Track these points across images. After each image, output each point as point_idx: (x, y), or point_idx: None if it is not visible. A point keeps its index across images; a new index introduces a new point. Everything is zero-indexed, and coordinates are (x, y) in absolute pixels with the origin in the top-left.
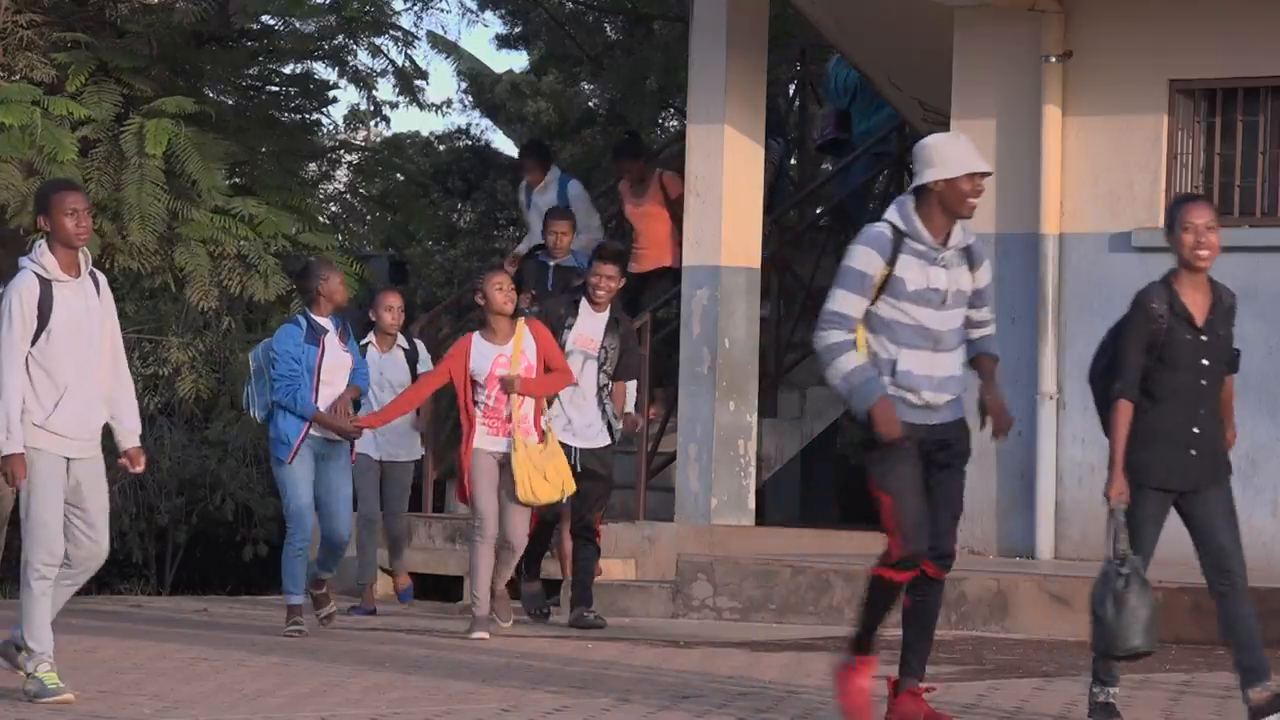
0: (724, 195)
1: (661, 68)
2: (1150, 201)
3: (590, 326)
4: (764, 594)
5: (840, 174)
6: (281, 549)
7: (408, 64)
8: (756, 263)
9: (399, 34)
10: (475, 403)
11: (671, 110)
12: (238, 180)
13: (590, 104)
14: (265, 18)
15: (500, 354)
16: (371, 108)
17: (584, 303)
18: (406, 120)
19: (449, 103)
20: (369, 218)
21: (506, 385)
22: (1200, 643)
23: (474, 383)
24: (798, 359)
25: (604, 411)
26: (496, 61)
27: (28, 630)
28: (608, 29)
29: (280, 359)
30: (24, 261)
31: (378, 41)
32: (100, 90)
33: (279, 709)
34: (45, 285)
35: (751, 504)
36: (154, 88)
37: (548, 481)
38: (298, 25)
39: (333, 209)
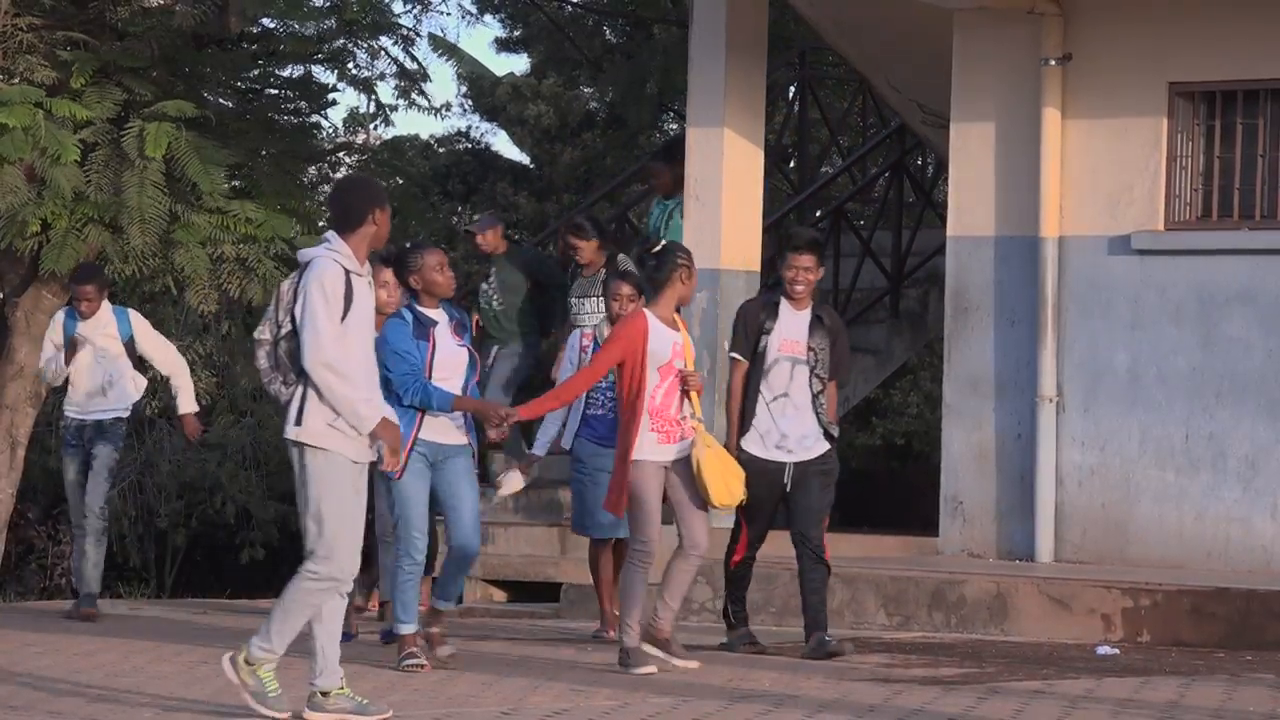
0: (723, 198)
1: (661, 71)
2: (1150, 204)
3: (794, 327)
4: (763, 597)
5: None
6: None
7: (410, 62)
8: (756, 265)
9: (400, 32)
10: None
11: (671, 113)
12: (237, 183)
13: (590, 107)
14: (265, 20)
15: (675, 340)
16: (374, 109)
17: (783, 302)
18: (406, 123)
19: (448, 106)
20: None
21: (690, 383)
22: (1199, 645)
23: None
24: None
25: (819, 418)
26: (496, 64)
27: (279, 623)
28: (607, 32)
29: (396, 359)
30: (321, 250)
31: (378, 43)
32: (101, 91)
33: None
34: (347, 277)
35: None
36: (154, 91)
37: (739, 481)
38: (297, 28)
39: None
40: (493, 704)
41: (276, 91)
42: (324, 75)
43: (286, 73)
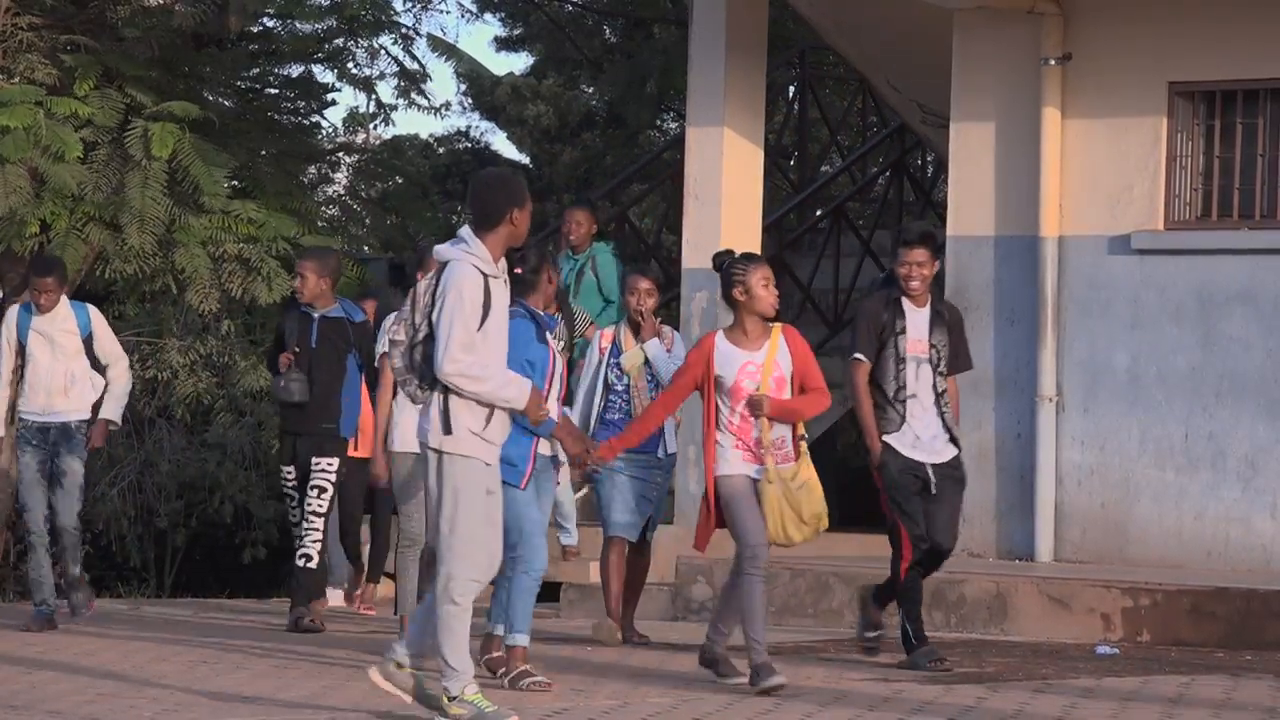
0: (722, 197)
1: (661, 71)
2: (1150, 204)
3: (915, 326)
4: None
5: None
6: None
7: (410, 62)
8: None
9: (401, 31)
10: (719, 418)
11: (670, 113)
12: (237, 183)
13: (590, 107)
14: (265, 20)
15: (749, 361)
16: (374, 109)
17: (904, 299)
18: (406, 122)
19: (448, 105)
20: (368, 220)
21: (755, 406)
22: (1199, 645)
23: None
24: None
25: (943, 418)
26: (496, 63)
27: (449, 649)
28: (607, 32)
29: (526, 368)
30: (457, 252)
31: (378, 41)
32: (104, 96)
33: (278, 712)
34: (485, 280)
35: None
36: (155, 95)
37: (804, 523)
38: (297, 27)
39: (332, 211)
40: (493, 703)
41: (276, 91)
42: (324, 75)
43: (286, 72)
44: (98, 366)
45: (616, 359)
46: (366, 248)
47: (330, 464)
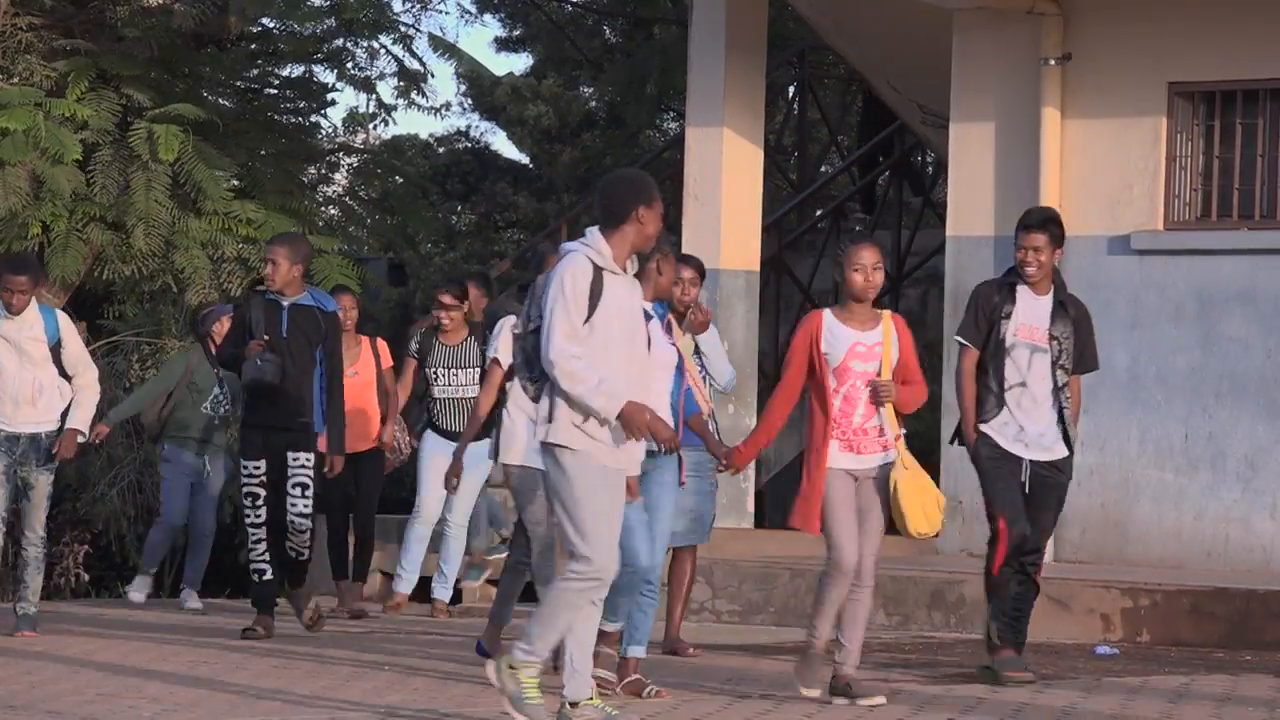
0: (722, 198)
1: (661, 71)
2: (1149, 204)
3: (1033, 313)
4: (763, 597)
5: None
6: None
7: (411, 61)
8: (755, 265)
9: (400, 30)
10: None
11: (670, 113)
12: (238, 183)
13: (589, 107)
14: (264, 20)
15: (858, 341)
16: (374, 109)
17: (1021, 286)
18: (406, 122)
19: (448, 105)
20: (368, 220)
21: (880, 394)
22: (1198, 645)
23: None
24: None
25: (1060, 415)
26: (496, 64)
27: (540, 626)
28: (607, 32)
29: None
30: (575, 245)
31: (377, 42)
32: (100, 98)
33: (278, 712)
34: (598, 273)
35: (750, 507)
36: (153, 96)
37: (939, 509)
38: (296, 28)
39: (332, 212)
40: (493, 705)
41: (276, 91)
42: (324, 75)
43: (286, 72)
44: (64, 375)
45: None
46: (366, 247)
47: (309, 459)
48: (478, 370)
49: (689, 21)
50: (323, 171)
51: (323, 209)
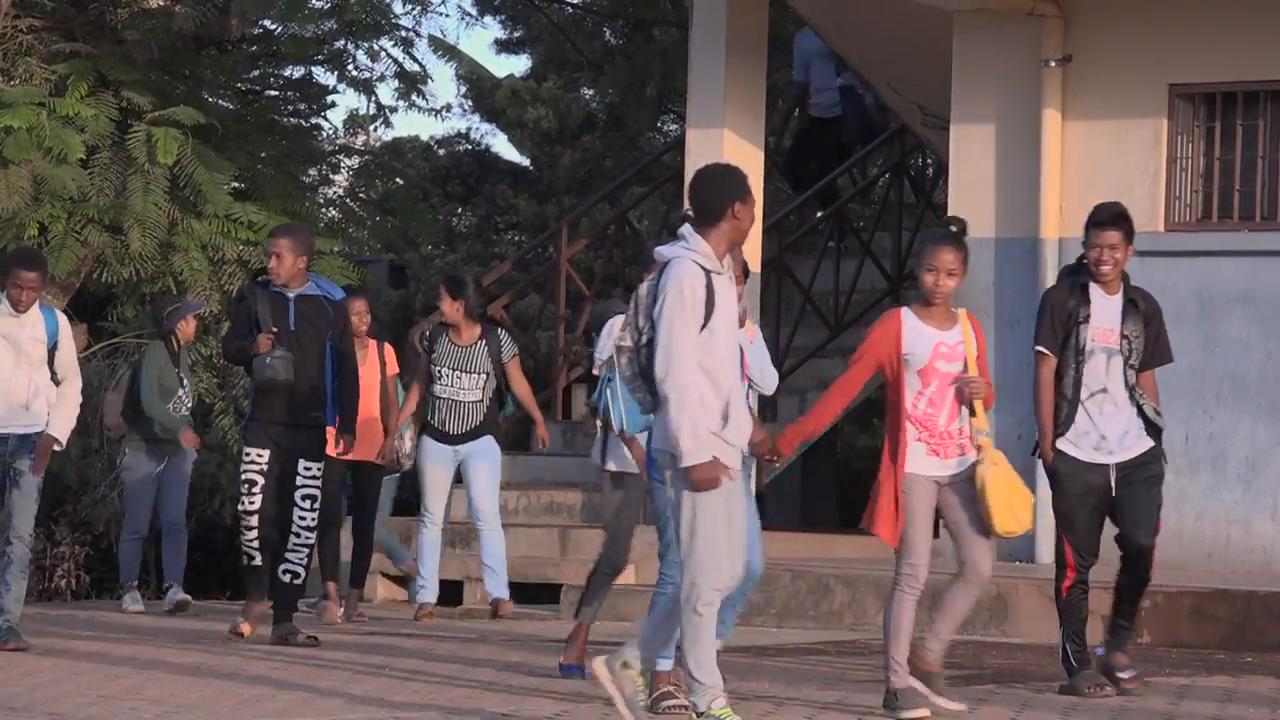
0: None
1: (661, 73)
2: (1150, 206)
3: (1107, 315)
4: (764, 598)
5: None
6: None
7: (410, 64)
8: (756, 267)
9: (400, 33)
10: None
11: (671, 115)
12: (238, 185)
13: (590, 109)
14: (265, 22)
15: (941, 341)
16: (374, 110)
17: (1093, 286)
18: (406, 124)
19: (449, 107)
20: (369, 222)
21: (971, 390)
22: (1199, 646)
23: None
24: (797, 363)
25: (1140, 411)
26: (496, 65)
27: (694, 661)
28: (607, 34)
29: None
30: (677, 250)
31: (378, 44)
32: (99, 102)
33: (277, 713)
34: (707, 277)
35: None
36: (153, 99)
37: (1027, 507)
38: (297, 29)
39: (332, 213)
40: (492, 706)
41: (276, 93)
42: (324, 76)
43: (286, 74)
44: (53, 379)
45: None
46: (366, 249)
47: (319, 469)
48: (484, 376)
49: (689, 23)
50: (323, 173)
51: (323, 210)
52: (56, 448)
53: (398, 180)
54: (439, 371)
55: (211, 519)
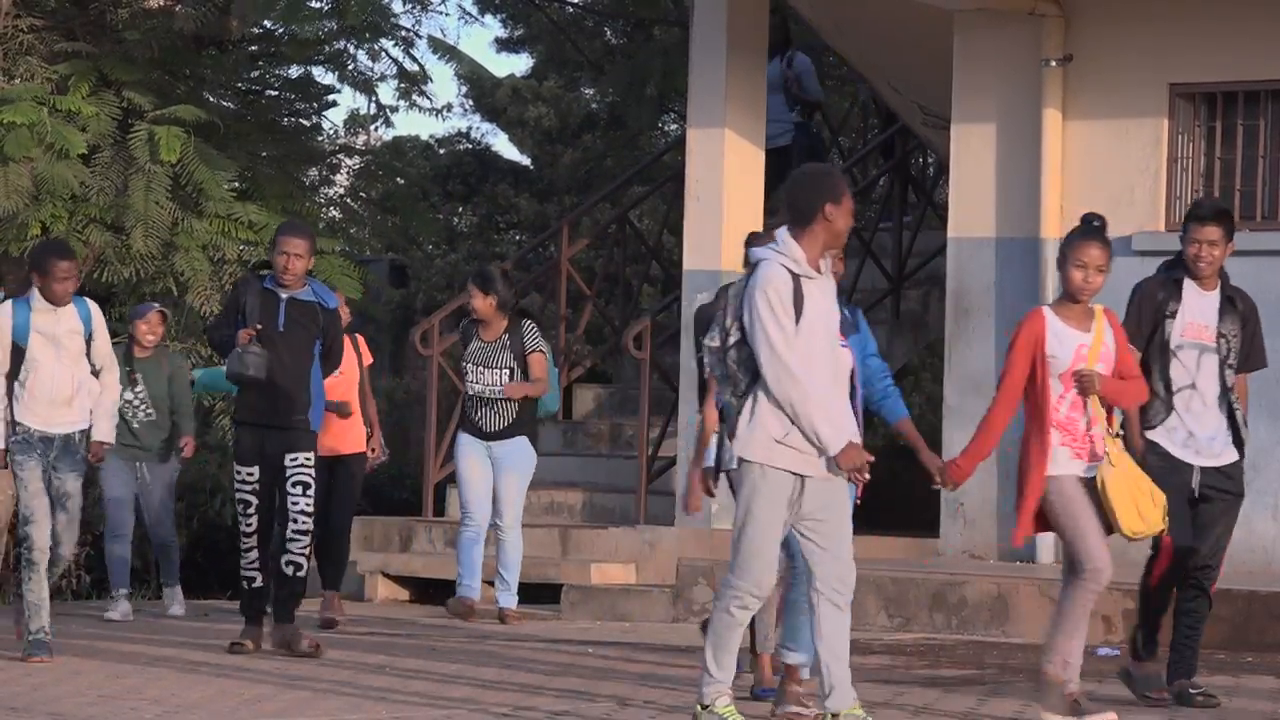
0: (724, 198)
1: (662, 72)
2: (1151, 205)
3: (1201, 310)
4: None
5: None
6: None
7: (410, 64)
8: None
9: (400, 34)
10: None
11: (671, 114)
12: (239, 185)
13: (590, 108)
14: (265, 22)
15: (1082, 344)
16: (374, 110)
17: (1188, 282)
18: (407, 124)
19: (449, 106)
20: (369, 221)
21: (1085, 382)
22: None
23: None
24: None
25: (1231, 417)
26: (497, 65)
27: (713, 654)
28: (607, 33)
29: None
30: (767, 252)
31: (378, 44)
32: (100, 102)
33: (278, 714)
34: (796, 280)
35: None
36: (153, 99)
37: (1155, 506)
38: (297, 30)
39: (333, 213)
40: (493, 706)
41: (277, 93)
42: (324, 76)
43: (287, 74)
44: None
45: None
46: (367, 249)
47: (309, 459)
48: (508, 372)
49: (690, 23)
50: (324, 173)
51: (324, 210)
52: (106, 448)
53: (398, 180)
54: (466, 368)
55: (212, 519)
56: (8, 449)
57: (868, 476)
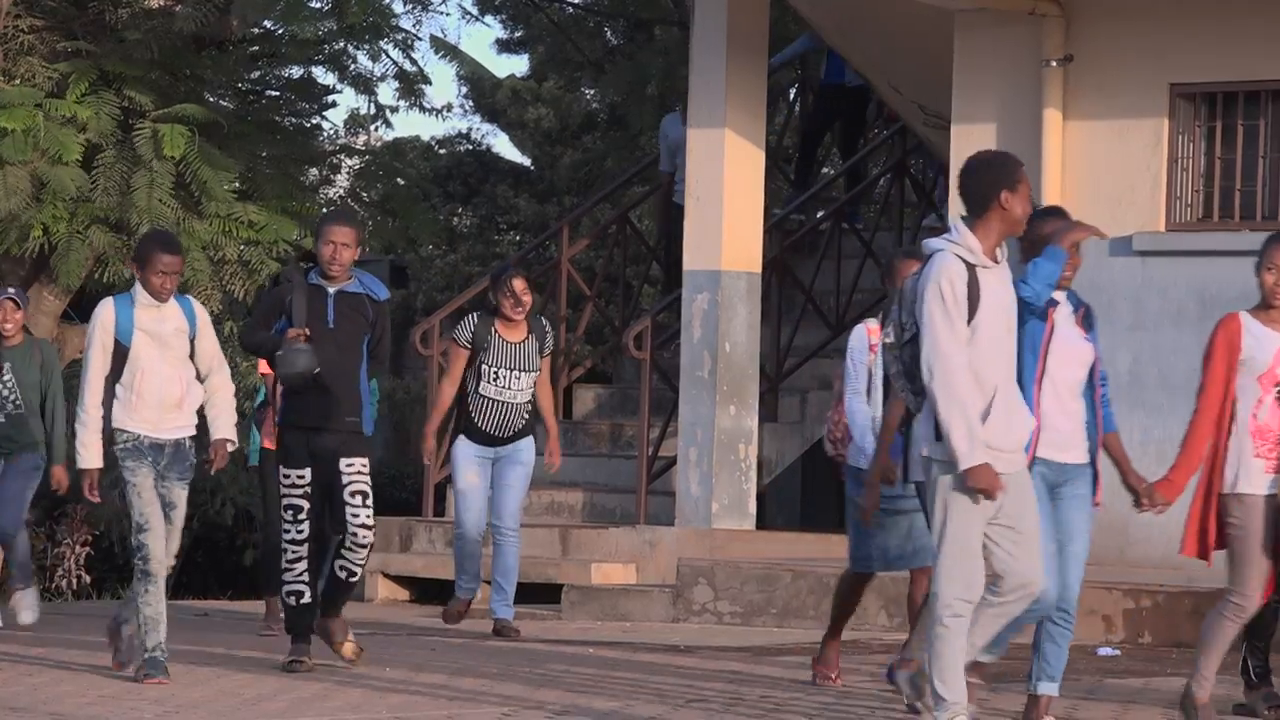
0: (724, 199)
1: (662, 72)
2: (1151, 205)
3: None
4: (765, 598)
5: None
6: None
7: (410, 66)
8: (757, 267)
9: (400, 35)
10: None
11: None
12: (239, 185)
13: (591, 109)
14: (265, 22)
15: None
16: (374, 110)
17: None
18: (407, 124)
19: (449, 107)
20: (369, 222)
21: None
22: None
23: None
24: (798, 363)
25: None
26: (497, 65)
27: (937, 674)
28: (608, 34)
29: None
30: (941, 243)
31: (378, 45)
32: (100, 100)
33: (280, 713)
34: (971, 271)
35: (752, 508)
36: (154, 98)
37: None
38: (297, 30)
39: None
40: (494, 706)
41: (277, 93)
42: (324, 76)
43: (287, 74)
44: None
45: None
46: (367, 249)
47: (365, 464)
48: (536, 374)
49: (690, 23)
50: (324, 174)
51: (324, 210)
52: (230, 448)
53: (398, 181)
54: (492, 372)
55: (212, 519)
56: (117, 457)
57: (995, 499)
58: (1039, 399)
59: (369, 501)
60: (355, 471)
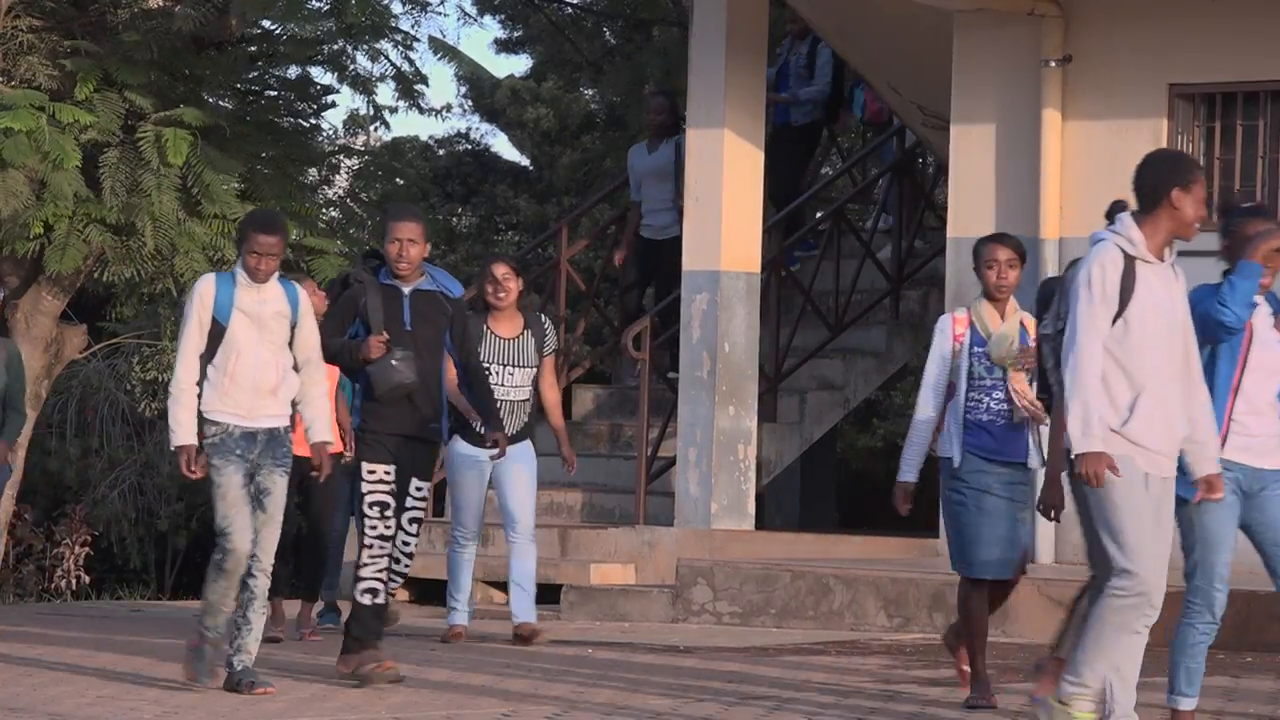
0: (723, 199)
1: (661, 72)
2: None
3: None
4: (764, 598)
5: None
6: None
7: (408, 67)
8: (756, 267)
9: (399, 36)
10: None
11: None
12: (238, 185)
13: (590, 109)
14: (264, 22)
15: None
16: (372, 111)
17: None
18: (406, 124)
19: (448, 107)
20: (369, 222)
21: None
22: None
23: None
24: (797, 363)
25: None
26: (496, 65)
27: (1086, 659)
28: (607, 34)
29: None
30: (1105, 234)
31: (377, 45)
32: (104, 101)
33: (279, 714)
34: (1129, 263)
35: (751, 508)
36: (155, 101)
37: None
38: (296, 30)
39: (332, 214)
40: (493, 706)
41: (276, 93)
42: (323, 77)
43: (286, 74)
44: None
45: (982, 347)
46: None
47: (427, 490)
48: (533, 370)
49: (689, 23)
50: (323, 174)
51: (323, 211)
52: (330, 449)
53: (398, 181)
54: (485, 368)
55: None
56: (202, 448)
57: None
58: (1232, 405)
59: (418, 530)
60: (421, 497)
